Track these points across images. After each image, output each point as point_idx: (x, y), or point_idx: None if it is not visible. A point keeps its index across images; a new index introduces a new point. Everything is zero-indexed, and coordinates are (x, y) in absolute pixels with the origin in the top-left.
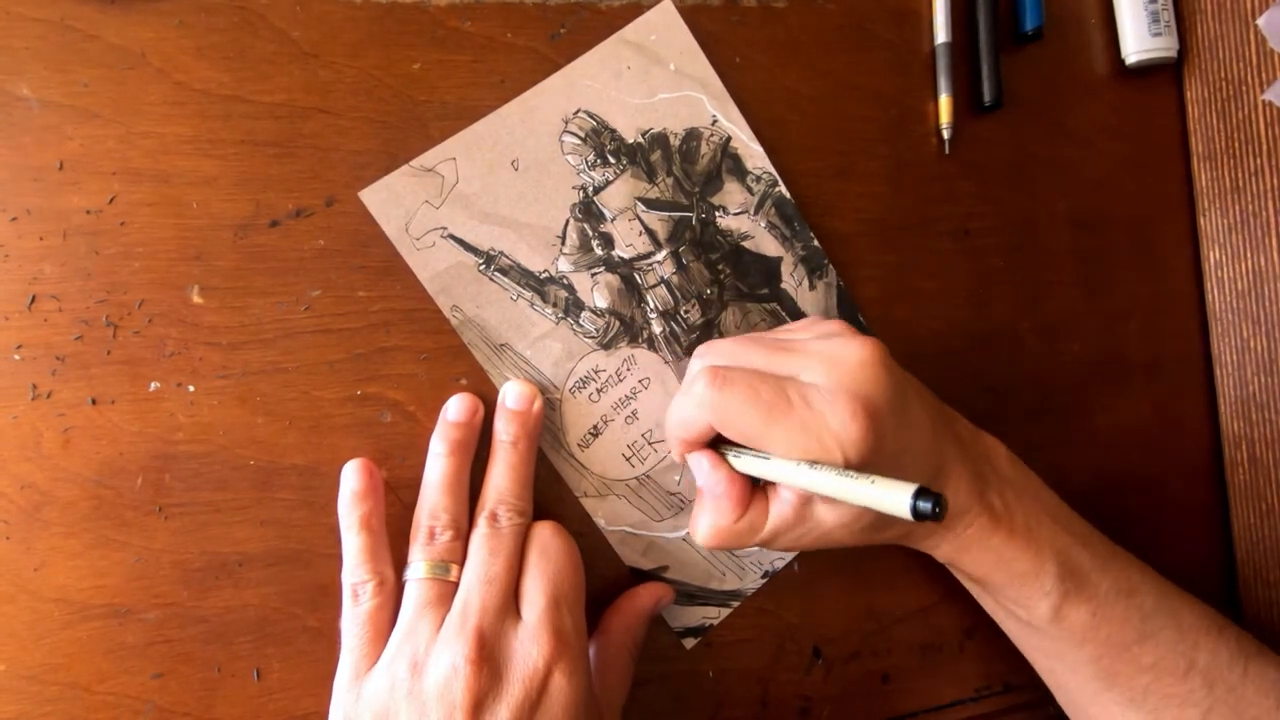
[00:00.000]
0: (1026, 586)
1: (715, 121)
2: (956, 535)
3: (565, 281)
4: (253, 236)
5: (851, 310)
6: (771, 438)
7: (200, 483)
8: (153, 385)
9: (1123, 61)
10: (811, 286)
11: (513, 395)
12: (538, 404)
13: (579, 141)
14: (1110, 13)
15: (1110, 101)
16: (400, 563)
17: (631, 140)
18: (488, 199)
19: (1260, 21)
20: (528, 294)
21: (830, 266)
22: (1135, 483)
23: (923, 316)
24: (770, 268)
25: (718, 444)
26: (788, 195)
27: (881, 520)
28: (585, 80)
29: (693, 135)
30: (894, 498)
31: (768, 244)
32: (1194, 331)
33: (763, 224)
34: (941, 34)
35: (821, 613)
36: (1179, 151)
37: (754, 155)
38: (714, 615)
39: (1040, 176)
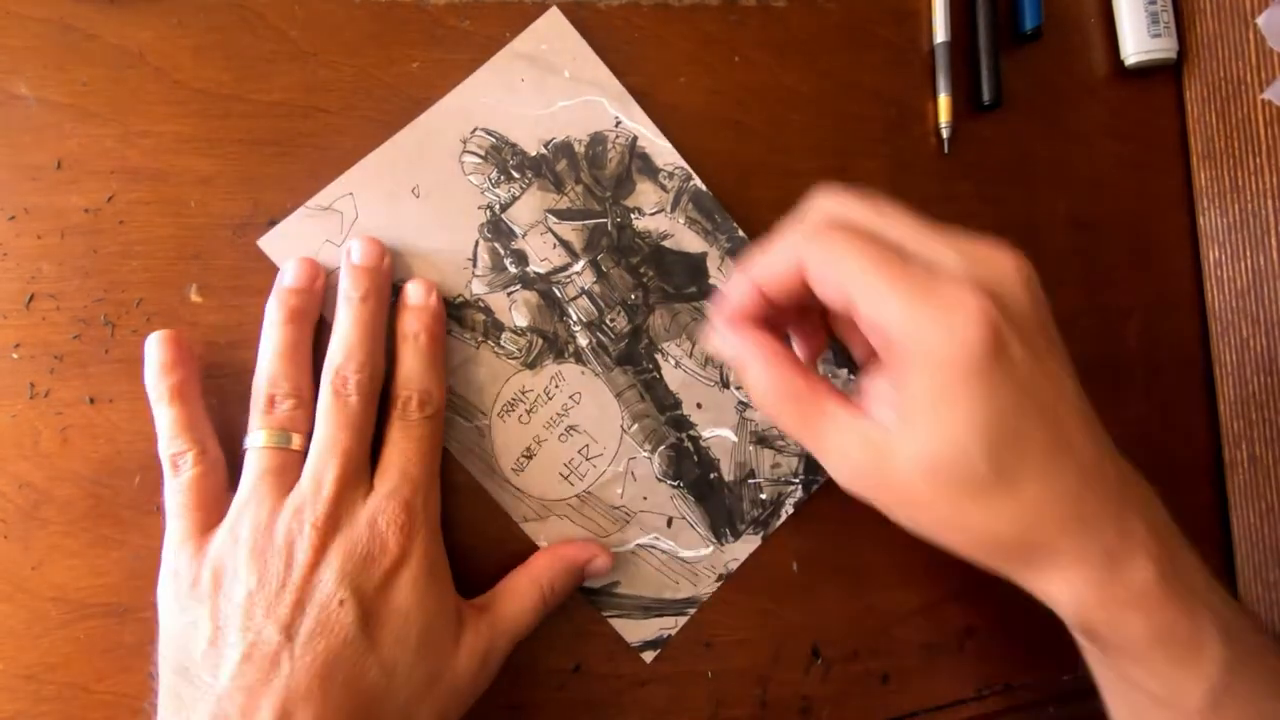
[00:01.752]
0: (1183, 666)
1: (619, 123)
2: (1113, 579)
3: (481, 304)
4: (251, 235)
5: None
6: (867, 293)
7: None
8: None
9: (1122, 62)
10: None
11: (357, 251)
12: (387, 261)
13: (480, 160)
14: (1110, 13)
15: (1109, 101)
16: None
17: (534, 153)
18: (391, 230)
19: (1260, 20)
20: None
21: None
22: None
23: None
24: (695, 264)
25: None
26: (704, 188)
27: (977, 485)
28: (479, 98)
29: (597, 140)
30: None
31: (689, 240)
32: (1193, 331)
33: (681, 220)
34: (941, 33)
35: (821, 612)
36: (1178, 151)
37: (663, 152)
38: (671, 625)
39: (1039, 176)
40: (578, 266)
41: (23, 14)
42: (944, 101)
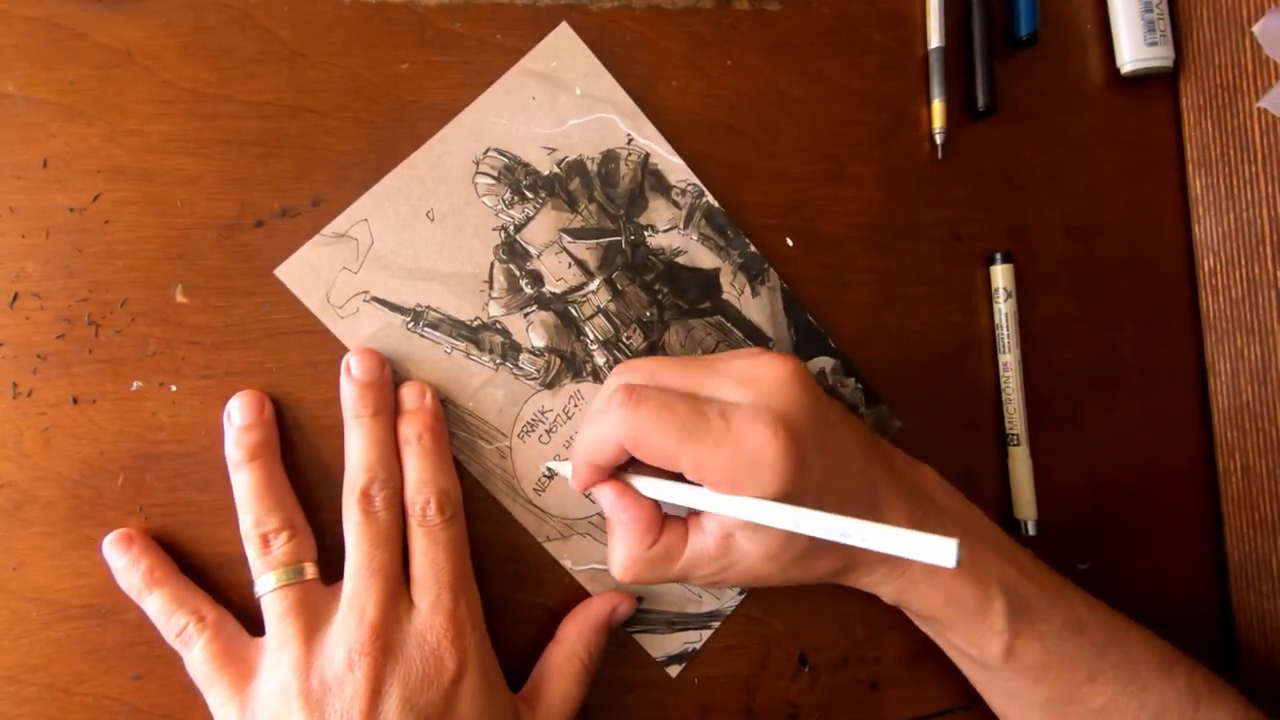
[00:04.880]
0: (978, 625)
1: (631, 140)
2: (901, 572)
3: (499, 326)
4: (238, 236)
5: (800, 312)
6: (685, 456)
7: (182, 483)
8: (135, 385)
9: (1118, 69)
10: (754, 293)
11: (357, 366)
12: (386, 370)
13: (493, 181)
14: (1106, 19)
15: (1105, 108)
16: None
17: (547, 172)
18: (407, 255)
19: (1256, 28)
20: (461, 345)
21: (771, 270)
22: (1128, 491)
23: (913, 322)
24: (709, 280)
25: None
26: (716, 204)
27: (811, 552)
28: (491, 118)
29: (610, 157)
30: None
31: (703, 256)
32: (1188, 339)
33: (694, 237)
34: (935, 38)
35: (809, 620)
36: (1174, 159)
37: (675, 169)
38: (695, 639)
39: (1034, 183)
40: (593, 285)
41: (10, 12)
42: (938, 107)
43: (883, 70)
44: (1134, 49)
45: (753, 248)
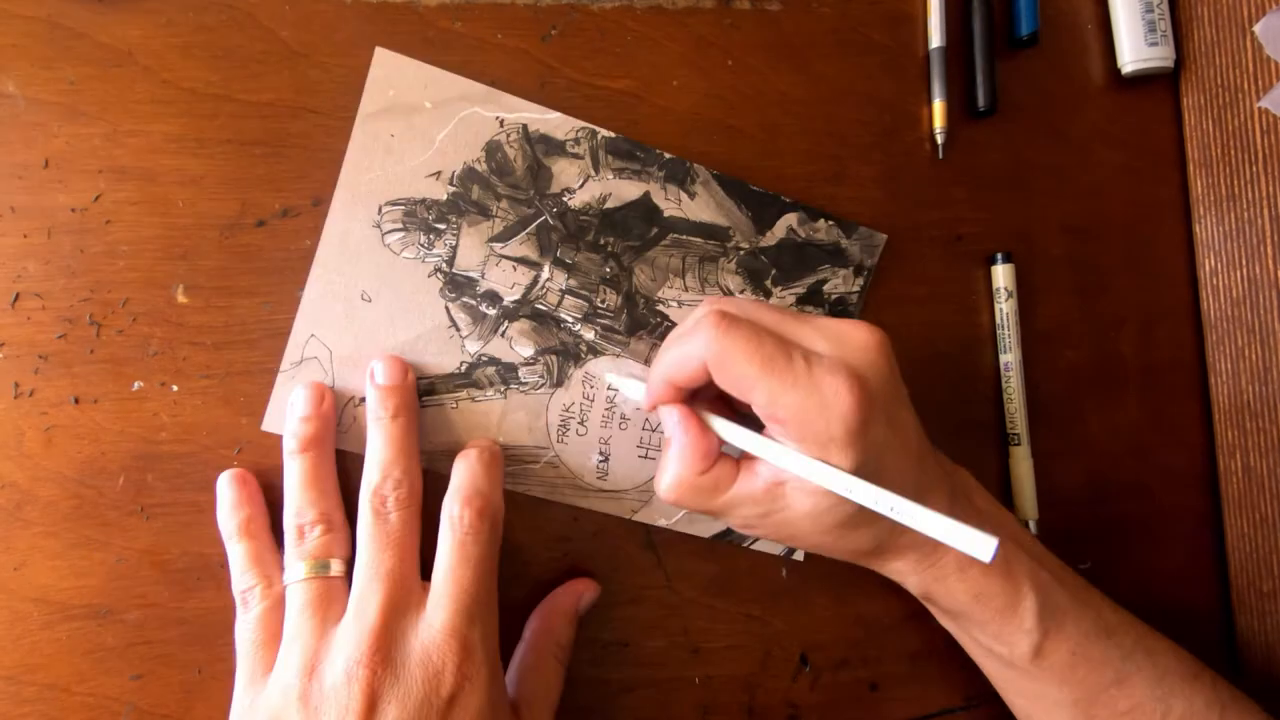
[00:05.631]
0: (1007, 623)
1: (502, 121)
2: (932, 563)
3: (485, 358)
4: (239, 236)
5: (742, 187)
6: (762, 388)
7: (183, 483)
8: (136, 385)
9: (1119, 69)
10: (691, 195)
11: (381, 372)
12: (410, 376)
13: (403, 232)
14: (1107, 19)
15: (1106, 107)
16: None
17: (445, 196)
18: (367, 342)
19: (1257, 28)
20: (462, 395)
21: (695, 166)
22: (1128, 490)
23: (914, 322)
24: (644, 207)
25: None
26: (611, 134)
27: (852, 523)
28: (365, 177)
29: (493, 148)
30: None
31: (627, 189)
32: (1189, 339)
33: (610, 176)
34: (936, 38)
35: (810, 620)
36: (1175, 159)
37: (558, 124)
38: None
39: (1034, 182)
40: (545, 273)
41: (11, 12)
42: (939, 107)
43: (883, 70)
44: (1134, 49)
45: (668, 155)
